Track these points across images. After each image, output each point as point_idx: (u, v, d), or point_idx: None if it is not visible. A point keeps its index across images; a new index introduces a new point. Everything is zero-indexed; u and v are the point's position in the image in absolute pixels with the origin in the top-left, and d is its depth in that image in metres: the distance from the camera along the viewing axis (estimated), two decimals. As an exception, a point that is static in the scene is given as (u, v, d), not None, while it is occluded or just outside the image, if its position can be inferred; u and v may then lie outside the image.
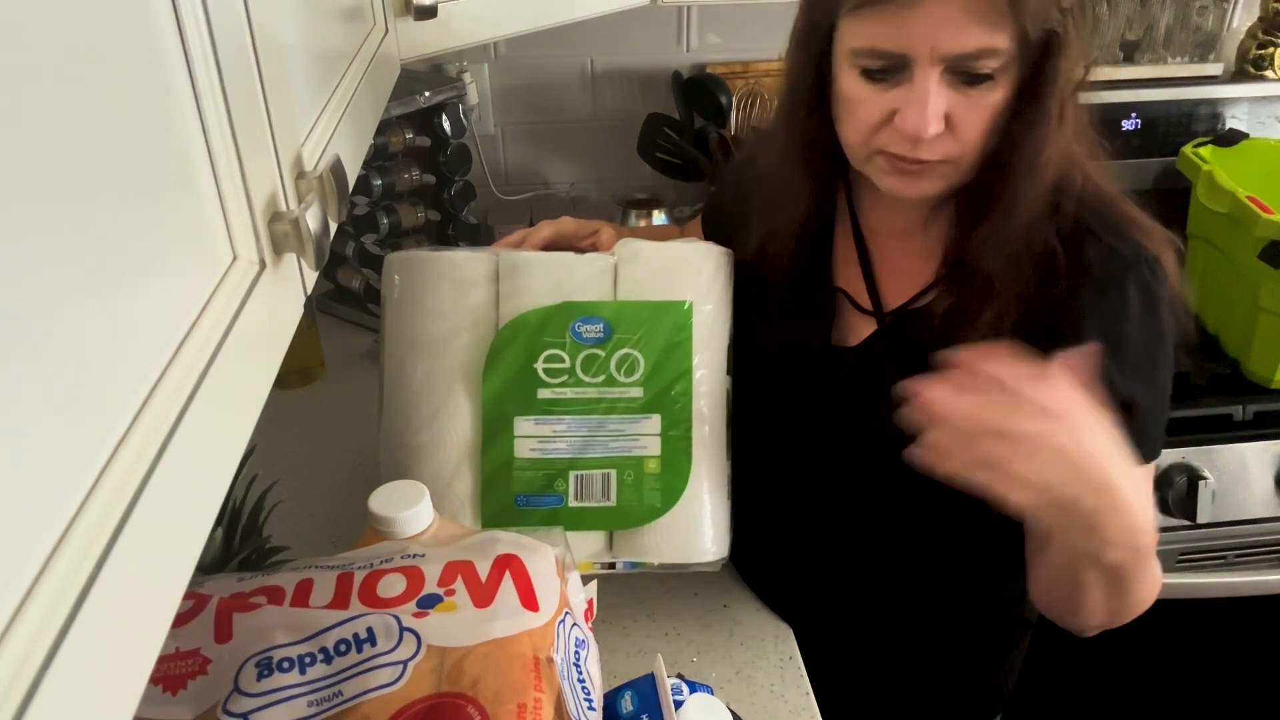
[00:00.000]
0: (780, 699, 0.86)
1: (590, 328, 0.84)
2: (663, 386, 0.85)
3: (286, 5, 0.52)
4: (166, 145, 0.34)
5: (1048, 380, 0.62)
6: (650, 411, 0.86)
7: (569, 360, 0.84)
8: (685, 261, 0.86)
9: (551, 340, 0.84)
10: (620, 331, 0.85)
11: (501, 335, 0.85)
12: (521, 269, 0.85)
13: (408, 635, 0.56)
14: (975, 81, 0.70)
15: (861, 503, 0.88)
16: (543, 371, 0.84)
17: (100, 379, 0.27)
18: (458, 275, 0.86)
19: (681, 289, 0.86)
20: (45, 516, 0.24)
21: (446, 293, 0.85)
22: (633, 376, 0.85)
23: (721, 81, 1.56)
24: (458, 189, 1.47)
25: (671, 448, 0.86)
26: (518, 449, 0.85)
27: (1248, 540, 1.31)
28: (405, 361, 0.87)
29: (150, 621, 0.29)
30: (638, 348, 0.85)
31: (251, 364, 0.40)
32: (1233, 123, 1.61)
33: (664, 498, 0.86)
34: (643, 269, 0.86)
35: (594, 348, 0.84)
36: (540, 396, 0.84)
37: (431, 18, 0.91)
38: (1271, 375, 1.29)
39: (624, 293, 0.86)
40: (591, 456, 0.86)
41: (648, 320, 0.85)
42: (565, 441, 0.85)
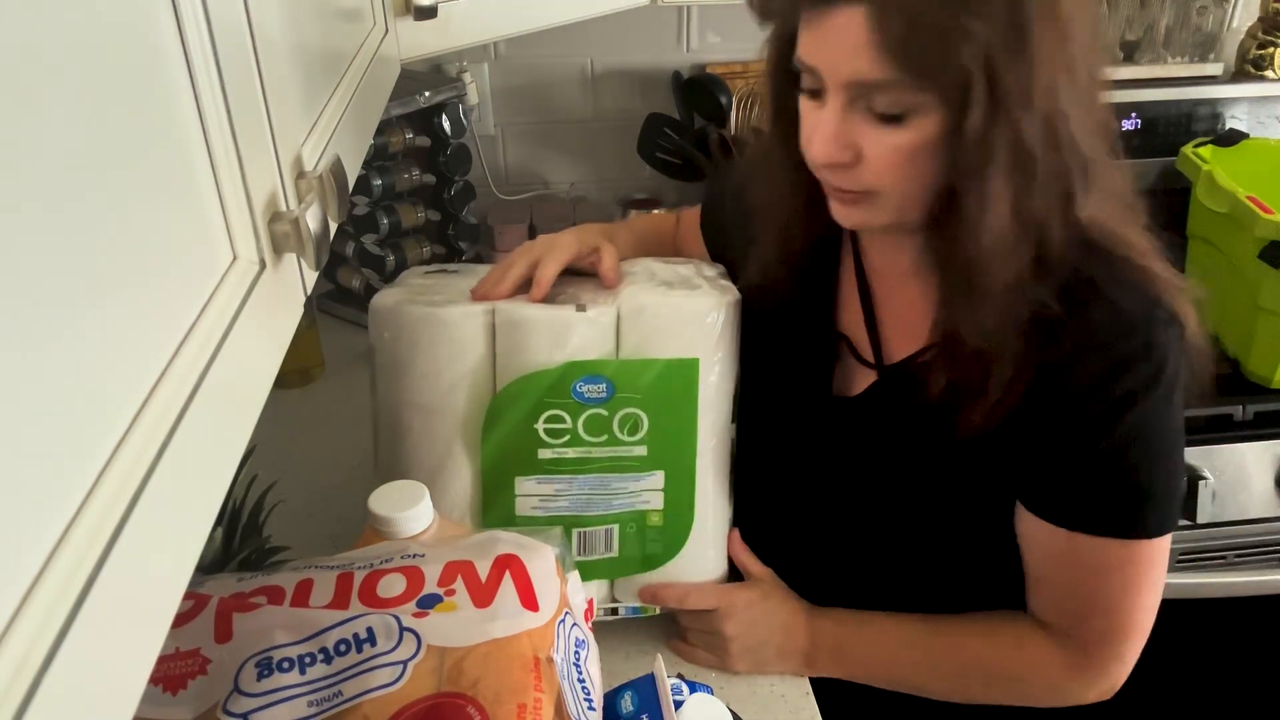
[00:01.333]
0: (780, 699, 0.86)
1: (593, 388, 0.80)
2: (667, 443, 0.83)
3: (286, 5, 0.52)
4: (166, 145, 0.34)
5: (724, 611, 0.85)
6: (654, 469, 0.84)
7: (570, 421, 0.81)
8: (692, 317, 0.82)
9: (553, 401, 0.81)
10: (623, 391, 0.81)
11: (501, 397, 0.81)
12: (520, 327, 0.80)
13: (408, 635, 0.56)
14: (885, 120, 0.66)
15: (861, 543, 0.88)
16: (544, 432, 0.81)
17: (100, 379, 0.27)
18: (452, 335, 0.81)
19: (688, 346, 0.82)
20: (45, 516, 0.24)
21: (441, 353, 0.81)
22: (636, 435, 0.82)
23: (721, 81, 1.56)
24: (458, 189, 1.47)
25: (674, 501, 0.85)
26: (519, 507, 0.83)
27: (1248, 540, 1.31)
28: (399, 420, 0.83)
29: (150, 621, 0.29)
30: (642, 407, 0.82)
31: (251, 364, 0.40)
32: (1233, 123, 1.61)
33: (666, 548, 0.86)
34: (647, 325, 0.81)
35: (597, 407, 0.81)
36: (541, 457, 0.82)
37: (431, 18, 0.91)
38: (1271, 375, 1.29)
39: (627, 348, 0.82)
40: (594, 514, 0.85)
41: (653, 379, 0.82)
42: (567, 500, 0.84)
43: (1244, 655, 1.43)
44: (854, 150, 0.68)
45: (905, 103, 0.64)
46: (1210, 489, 1.26)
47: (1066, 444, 0.73)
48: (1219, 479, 1.27)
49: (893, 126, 0.66)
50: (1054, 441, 0.73)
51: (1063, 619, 0.80)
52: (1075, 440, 0.73)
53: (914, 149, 0.66)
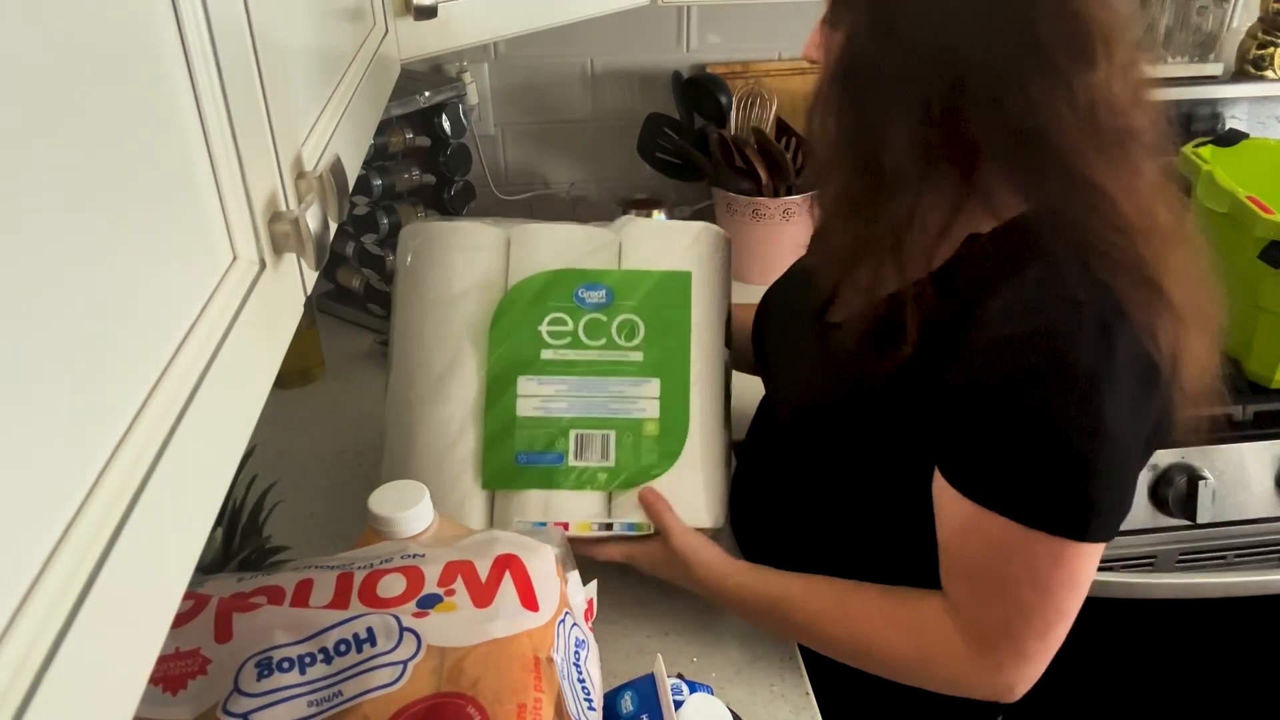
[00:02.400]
0: (780, 699, 0.86)
1: (593, 294, 0.89)
2: (662, 352, 0.90)
3: (286, 5, 0.52)
4: (166, 145, 0.34)
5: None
6: (650, 375, 0.90)
7: (572, 324, 0.89)
8: (685, 235, 0.92)
9: (556, 304, 0.89)
10: (621, 298, 0.90)
11: (509, 297, 0.89)
12: (532, 235, 0.91)
13: (408, 635, 0.56)
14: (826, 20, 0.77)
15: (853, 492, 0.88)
16: (547, 334, 0.89)
17: (101, 379, 0.27)
18: (470, 242, 0.90)
19: (682, 261, 0.91)
20: (46, 516, 0.24)
21: (457, 258, 0.90)
22: (633, 341, 0.90)
23: (721, 81, 1.56)
24: (458, 189, 1.47)
25: (669, 411, 0.90)
26: (520, 407, 0.88)
27: (1248, 540, 1.31)
28: (414, 324, 0.91)
29: (150, 621, 0.29)
30: (638, 314, 0.90)
31: (251, 364, 0.40)
32: (1233, 123, 1.61)
33: (661, 458, 0.89)
34: (646, 244, 0.92)
35: (596, 313, 0.89)
36: (544, 357, 0.89)
37: (431, 18, 0.91)
38: (1271, 375, 1.29)
39: (628, 264, 0.91)
40: (592, 416, 0.89)
41: (649, 288, 0.90)
42: (566, 401, 0.89)
43: (1244, 655, 1.43)
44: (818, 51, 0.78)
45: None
46: (1210, 489, 1.25)
47: (969, 410, 0.71)
48: (1219, 479, 1.27)
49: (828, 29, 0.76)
50: (958, 405, 0.71)
51: (965, 597, 0.77)
52: (977, 410, 0.70)
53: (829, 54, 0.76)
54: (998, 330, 0.70)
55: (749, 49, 1.66)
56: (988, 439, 0.71)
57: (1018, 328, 0.69)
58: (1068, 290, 0.68)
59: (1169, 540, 1.30)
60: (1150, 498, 1.28)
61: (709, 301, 0.92)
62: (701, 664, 0.89)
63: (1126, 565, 1.31)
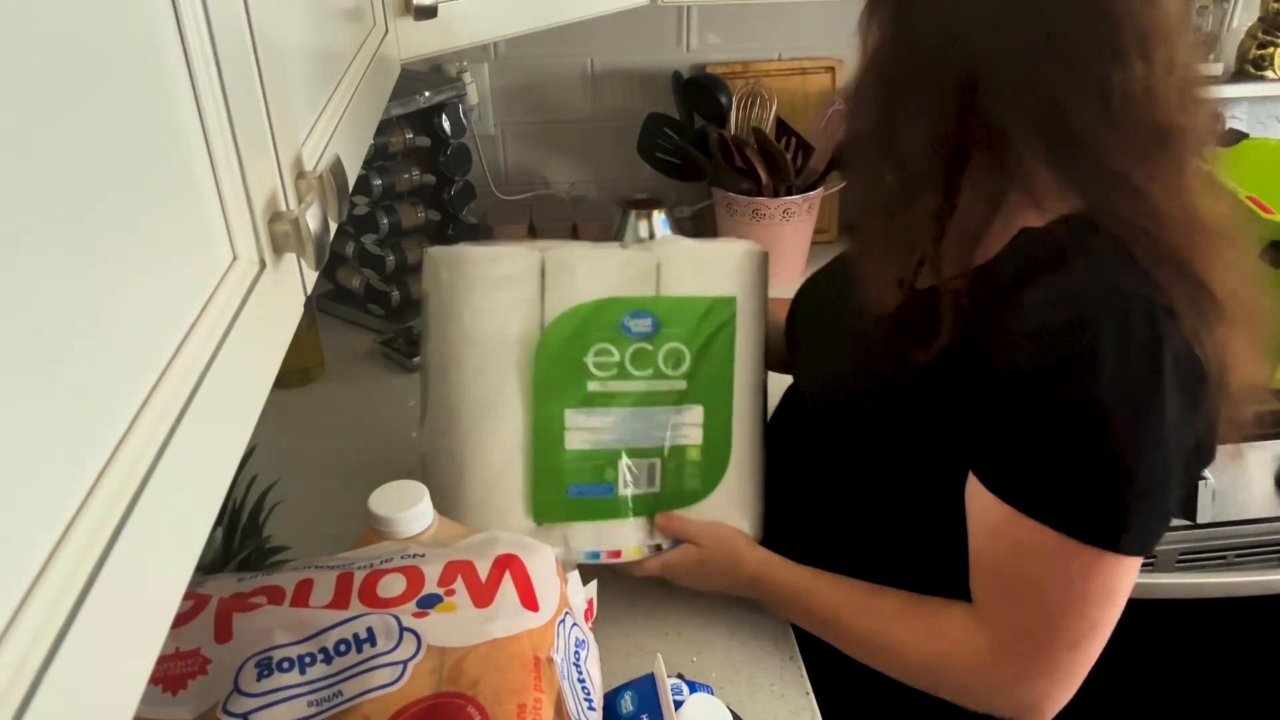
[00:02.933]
0: (780, 699, 0.86)
1: (640, 322, 0.87)
2: (706, 378, 0.89)
3: (286, 5, 0.52)
4: (166, 145, 0.34)
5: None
6: (694, 402, 0.89)
7: (618, 354, 0.87)
8: (727, 260, 0.89)
9: (601, 334, 0.86)
10: (668, 325, 0.87)
11: (552, 329, 0.86)
12: (570, 265, 0.86)
13: (408, 635, 0.56)
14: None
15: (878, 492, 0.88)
16: (593, 365, 0.87)
17: (100, 379, 0.27)
18: (503, 272, 0.86)
19: (724, 286, 0.89)
20: (45, 516, 0.24)
21: (495, 288, 0.86)
22: (679, 370, 0.88)
23: (721, 81, 1.56)
24: (458, 189, 1.47)
25: (712, 436, 0.90)
26: (569, 440, 0.88)
27: (1248, 540, 1.31)
28: (451, 357, 0.87)
29: (150, 621, 0.29)
30: (684, 341, 0.88)
31: (251, 364, 0.40)
32: (1233, 123, 1.61)
33: (704, 482, 0.90)
34: (688, 267, 0.88)
35: (643, 342, 0.87)
36: (590, 389, 0.87)
37: (431, 18, 0.91)
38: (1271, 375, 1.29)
39: (667, 288, 0.88)
40: (638, 446, 0.89)
41: (695, 315, 0.88)
42: (614, 433, 0.88)
43: (1244, 655, 1.43)
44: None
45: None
46: (1210, 489, 1.25)
47: (1004, 402, 0.69)
48: (1219, 479, 1.27)
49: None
50: (993, 396, 0.69)
51: (992, 602, 0.74)
52: (1013, 401, 0.68)
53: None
54: (1039, 318, 0.67)
55: (749, 49, 1.66)
56: (1023, 434, 0.68)
57: (1060, 315, 0.66)
58: (1113, 281, 0.66)
59: (1169, 540, 1.30)
60: (1150, 498, 1.28)
61: (752, 325, 0.90)
62: (701, 664, 0.89)
63: (1126, 565, 1.31)
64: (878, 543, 0.86)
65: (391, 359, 1.38)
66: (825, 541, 0.91)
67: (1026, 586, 0.71)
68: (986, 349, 0.69)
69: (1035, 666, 0.73)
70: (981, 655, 0.75)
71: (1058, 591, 0.70)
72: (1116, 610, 0.71)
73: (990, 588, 0.75)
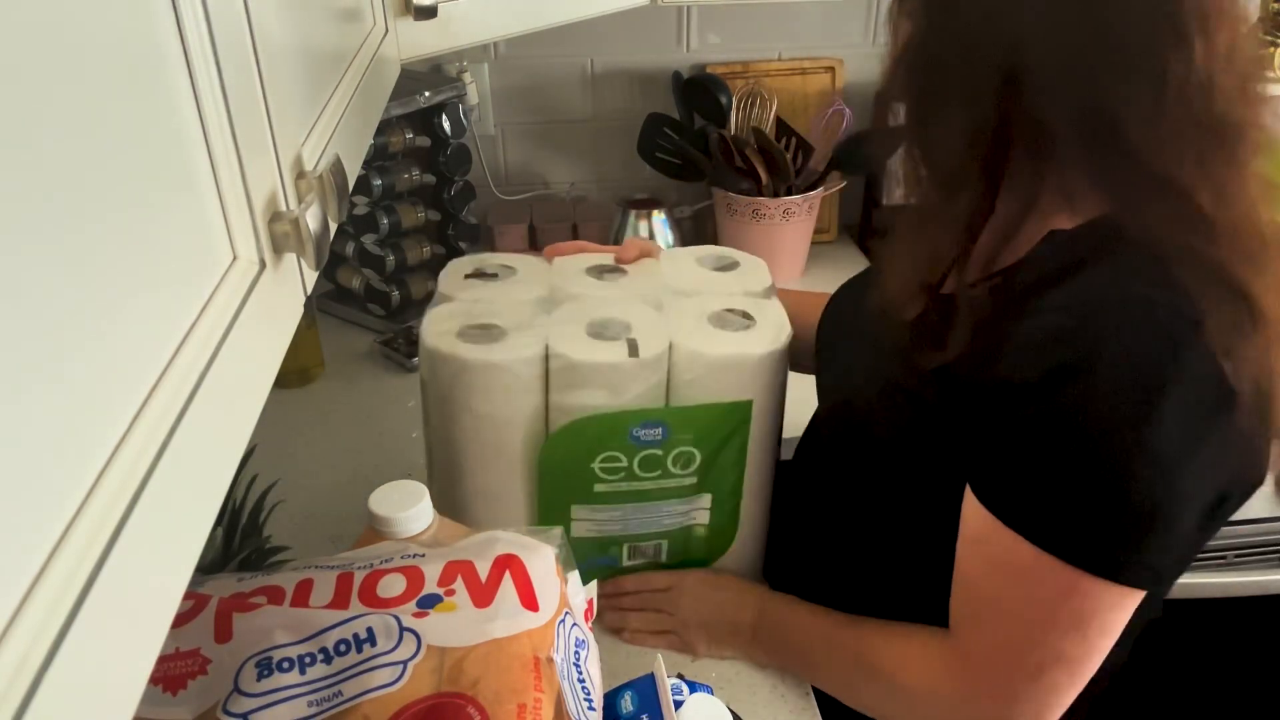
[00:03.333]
0: (780, 699, 0.86)
1: (650, 432, 0.82)
2: (716, 474, 0.87)
3: (286, 5, 0.52)
4: (166, 145, 0.34)
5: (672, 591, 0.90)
6: (702, 492, 0.88)
7: (626, 460, 0.83)
8: (746, 361, 0.82)
9: (610, 444, 0.82)
10: (678, 432, 0.83)
11: (557, 437, 0.82)
12: (576, 370, 0.80)
13: (408, 635, 0.56)
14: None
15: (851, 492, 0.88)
16: (600, 470, 0.84)
17: (100, 379, 0.27)
18: (507, 381, 0.81)
19: (741, 388, 0.83)
20: (45, 516, 0.24)
21: (498, 395, 0.81)
22: (688, 469, 0.85)
23: (721, 81, 1.56)
24: (458, 189, 1.47)
25: (720, 516, 0.90)
26: (574, 529, 0.88)
27: (1248, 540, 1.31)
28: (455, 453, 0.85)
29: (150, 621, 0.29)
30: (695, 445, 0.84)
31: (251, 364, 0.40)
32: (1233, 123, 1.60)
33: (710, 553, 0.92)
34: (701, 368, 0.82)
35: (653, 449, 0.83)
36: (596, 490, 0.85)
37: (431, 18, 0.91)
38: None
39: (680, 386, 0.82)
40: (644, 531, 0.90)
41: (708, 420, 0.83)
42: (620, 523, 0.88)
43: (1244, 655, 1.43)
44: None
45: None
46: (1210, 489, 1.25)
47: (1001, 408, 0.65)
48: (1219, 479, 1.27)
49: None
50: (991, 403, 0.66)
51: (958, 617, 0.71)
52: (1009, 408, 0.64)
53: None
54: (1044, 323, 0.62)
55: (749, 49, 1.66)
56: (1013, 442, 0.64)
57: (1069, 319, 0.61)
58: (1137, 288, 0.60)
59: (1169, 540, 1.30)
60: (1150, 498, 1.28)
61: (769, 418, 0.86)
62: (701, 664, 0.89)
63: (1126, 565, 1.31)
64: (879, 565, 0.83)
65: (391, 359, 1.38)
66: (826, 562, 0.90)
67: (994, 605, 0.67)
68: (991, 355, 0.65)
69: (990, 692, 0.69)
70: (936, 675, 0.71)
71: (1024, 613, 0.65)
72: (1090, 644, 0.65)
73: (962, 602, 0.71)
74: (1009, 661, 0.67)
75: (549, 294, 0.89)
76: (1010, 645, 0.67)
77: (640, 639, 0.91)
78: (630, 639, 0.91)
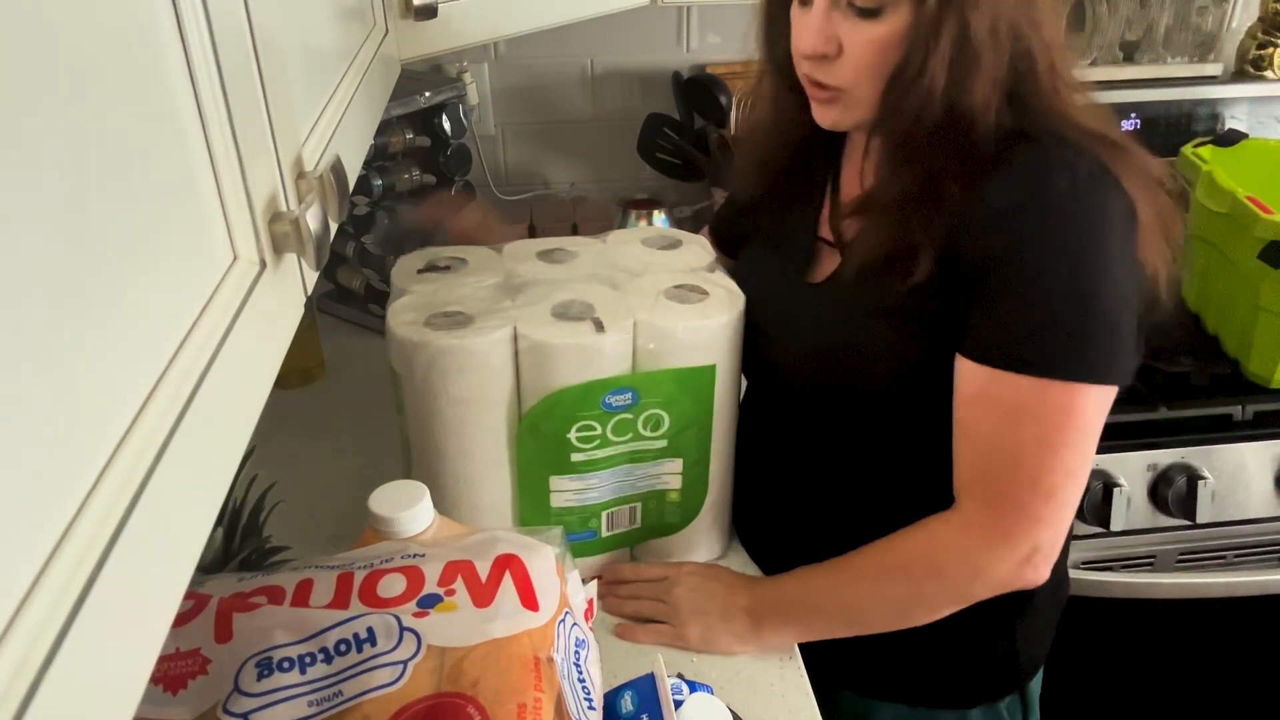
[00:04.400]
0: (780, 699, 0.86)
1: (620, 398, 0.85)
2: (685, 435, 0.90)
3: (287, 5, 0.52)
4: (167, 145, 0.34)
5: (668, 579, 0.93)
6: (673, 455, 0.91)
7: (600, 428, 0.86)
8: (705, 332, 0.86)
9: (584, 413, 0.85)
10: (647, 395, 0.86)
11: (532, 413, 0.85)
12: (544, 351, 0.82)
13: (408, 635, 0.56)
14: (863, 13, 0.74)
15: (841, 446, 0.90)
16: (576, 439, 0.86)
17: (100, 379, 0.27)
18: (478, 363, 0.82)
19: (703, 355, 0.87)
20: (45, 516, 0.24)
21: (470, 378, 0.83)
22: (658, 431, 0.89)
23: (721, 81, 1.56)
24: (458, 189, 1.47)
25: (690, 479, 0.93)
26: (553, 501, 0.90)
27: (1247, 540, 1.32)
28: (429, 428, 0.86)
29: (150, 621, 0.29)
30: (662, 407, 0.87)
31: (252, 364, 0.40)
32: (1232, 123, 1.61)
33: (683, 517, 0.95)
34: (664, 340, 0.85)
35: (624, 413, 0.86)
36: (574, 459, 0.87)
37: (431, 18, 0.91)
38: (1271, 375, 1.29)
39: (644, 356, 0.86)
40: (620, 496, 0.92)
41: (674, 384, 0.87)
42: (597, 491, 0.90)
43: (1244, 655, 1.43)
44: (835, 43, 0.77)
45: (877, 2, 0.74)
46: (1210, 489, 1.26)
47: (974, 272, 0.75)
48: (1219, 479, 1.27)
49: (869, 21, 0.75)
50: (967, 273, 0.76)
51: (972, 475, 0.79)
52: (989, 277, 0.75)
53: (885, 41, 0.75)
54: (1000, 199, 0.74)
55: (749, 49, 1.66)
56: (1002, 302, 0.74)
57: (1019, 194, 0.73)
58: (1058, 155, 0.74)
59: (1169, 540, 1.30)
60: (1150, 498, 1.28)
61: (730, 382, 0.90)
62: (701, 664, 0.89)
63: (1126, 565, 1.31)
64: (876, 500, 0.88)
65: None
66: (815, 514, 0.92)
67: (1004, 449, 0.75)
68: (952, 243, 0.75)
69: (1020, 524, 0.76)
70: (978, 539, 0.78)
71: (1033, 443, 0.74)
72: (1092, 449, 0.76)
73: (970, 464, 0.78)
74: (1029, 493, 0.75)
75: (505, 279, 0.92)
76: (1027, 479, 0.75)
77: (631, 632, 0.91)
78: (621, 632, 0.91)
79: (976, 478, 0.78)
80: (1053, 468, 0.74)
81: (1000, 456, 0.76)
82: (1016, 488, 0.76)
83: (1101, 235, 0.72)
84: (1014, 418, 0.74)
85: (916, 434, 0.84)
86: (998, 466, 0.76)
